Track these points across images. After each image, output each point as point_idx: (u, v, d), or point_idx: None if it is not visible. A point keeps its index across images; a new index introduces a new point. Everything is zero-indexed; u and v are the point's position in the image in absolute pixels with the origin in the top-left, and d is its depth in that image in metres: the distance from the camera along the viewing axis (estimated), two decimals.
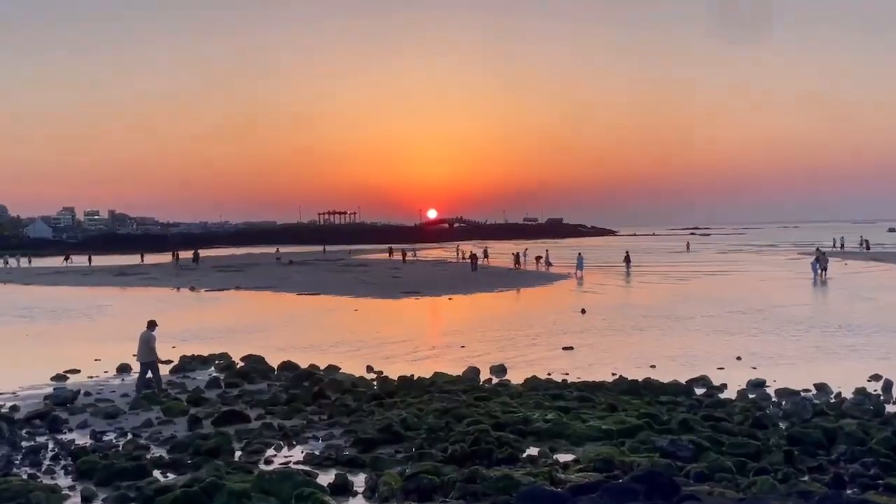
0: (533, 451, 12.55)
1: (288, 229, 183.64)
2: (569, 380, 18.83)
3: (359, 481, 11.13)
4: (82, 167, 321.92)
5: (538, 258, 69.51)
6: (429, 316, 36.96)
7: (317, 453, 12.72)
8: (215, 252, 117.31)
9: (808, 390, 17.29)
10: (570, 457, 12.21)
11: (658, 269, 63.38)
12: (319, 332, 29.62)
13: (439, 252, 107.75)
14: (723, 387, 18.01)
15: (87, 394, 18.24)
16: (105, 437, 14.22)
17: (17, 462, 12.52)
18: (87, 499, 10.79)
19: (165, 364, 21.24)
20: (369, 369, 21.04)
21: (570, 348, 24.17)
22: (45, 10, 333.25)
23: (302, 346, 25.56)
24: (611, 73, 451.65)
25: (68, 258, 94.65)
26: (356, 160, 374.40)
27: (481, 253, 74.88)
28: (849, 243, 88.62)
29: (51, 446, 13.50)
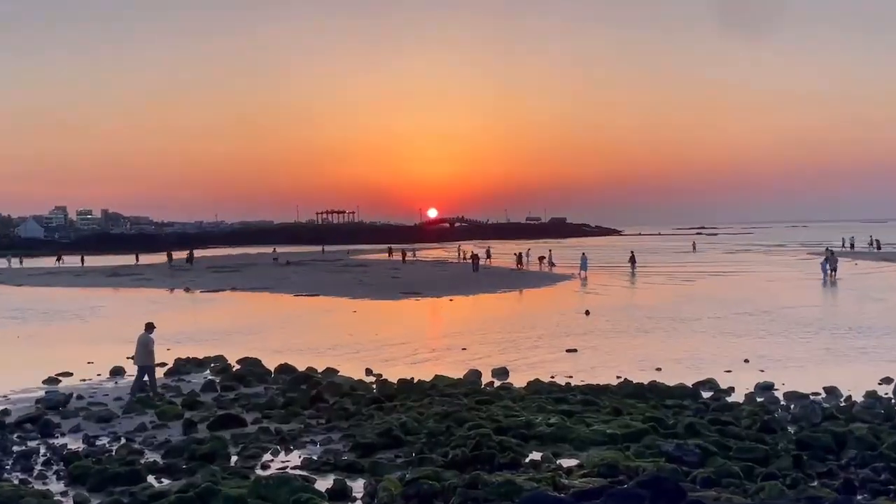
0: (536, 455, 12.48)
1: (285, 229, 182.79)
2: (572, 383, 18.74)
3: (357, 487, 11.12)
4: (75, 165, 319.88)
5: (541, 258, 69.46)
6: (429, 317, 36.84)
7: (315, 458, 12.68)
8: (210, 252, 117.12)
9: (817, 394, 17.20)
10: (573, 462, 12.17)
11: (664, 270, 63.21)
12: (317, 333, 29.46)
13: (440, 252, 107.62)
14: (730, 390, 17.90)
15: (79, 397, 18.11)
16: (98, 442, 14.14)
17: (7, 467, 12.47)
18: None
19: (160, 367, 21.01)
20: (368, 372, 20.92)
21: (573, 350, 24.03)
22: (43, 9, 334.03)
23: (299, 349, 25.43)
24: (615, 70, 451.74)
25: (60, 258, 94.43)
26: (355, 158, 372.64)
27: (483, 253, 74.96)
28: (859, 243, 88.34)
29: (42, 451, 13.44)
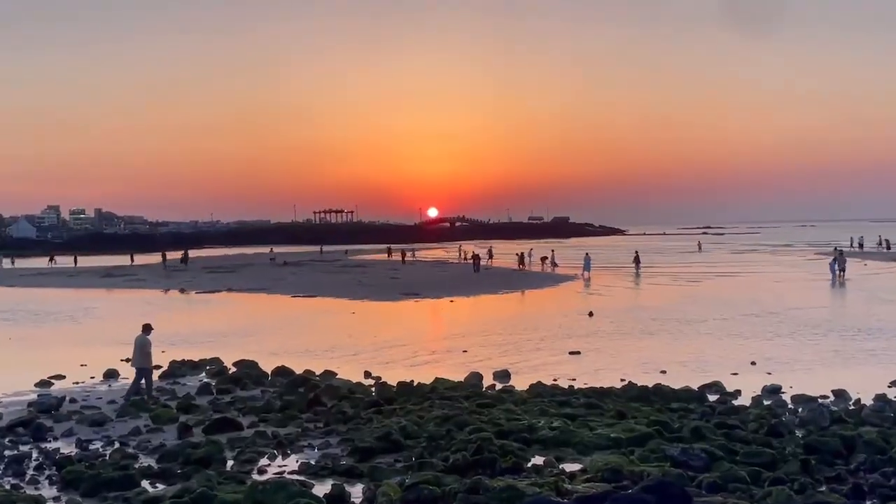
0: (538, 460, 12.43)
1: (282, 229, 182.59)
2: (575, 386, 18.69)
3: (356, 492, 11.06)
4: (68, 164, 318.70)
5: (544, 259, 69.34)
6: (429, 319, 36.78)
7: (312, 463, 12.62)
8: (206, 252, 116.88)
9: (825, 397, 17.11)
10: (577, 466, 12.11)
11: (669, 270, 63.17)
12: (315, 335, 29.32)
13: (440, 252, 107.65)
14: (736, 393, 17.83)
15: (72, 400, 18.00)
16: (91, 446, 14.03)
17: None
18: None
19: (155, 369, 20.84)
20: (367, 375, 20.82)
21: (576, 353, 23.94)
22: (41, 8, 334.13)
23: (297, 351, 25.34)
24: (617, 69, 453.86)
25: (53, 259, 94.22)
26: (354, 157, 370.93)
27: (484, 253, 74.89)
28: (868, 243, 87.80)
29: (34, 455, 13.32)
